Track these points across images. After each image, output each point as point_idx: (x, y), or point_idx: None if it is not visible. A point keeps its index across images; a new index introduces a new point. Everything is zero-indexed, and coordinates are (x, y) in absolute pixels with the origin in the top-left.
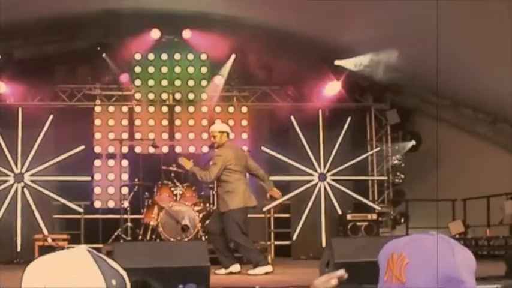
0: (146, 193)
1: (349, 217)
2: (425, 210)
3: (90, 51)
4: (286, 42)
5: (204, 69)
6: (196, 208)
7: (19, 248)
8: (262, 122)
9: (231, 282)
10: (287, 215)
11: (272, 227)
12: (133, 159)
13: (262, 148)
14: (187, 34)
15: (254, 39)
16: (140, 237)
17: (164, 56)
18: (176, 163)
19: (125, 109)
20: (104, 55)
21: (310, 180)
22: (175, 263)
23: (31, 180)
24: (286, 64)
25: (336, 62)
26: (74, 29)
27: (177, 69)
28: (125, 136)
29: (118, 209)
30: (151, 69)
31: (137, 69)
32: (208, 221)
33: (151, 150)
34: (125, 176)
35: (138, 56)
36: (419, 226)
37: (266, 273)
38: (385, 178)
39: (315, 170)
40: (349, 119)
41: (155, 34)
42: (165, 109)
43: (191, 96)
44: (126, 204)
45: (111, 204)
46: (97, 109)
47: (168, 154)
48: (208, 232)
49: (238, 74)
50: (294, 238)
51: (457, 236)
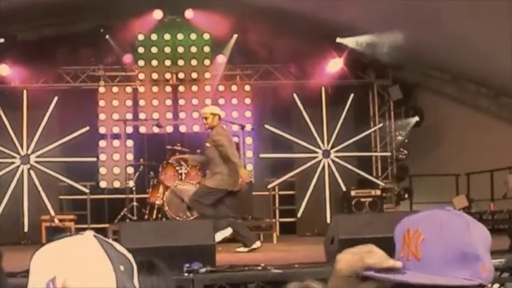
0: (151, 173)
1: (353, 193)
2: (429, 185)
3: (93, 32)
4: (288, 20)
5: (207, 48)
6: None
7: (26, 229)
8: (265, 100)
9: (236, 260)
10: (292, 192)
11: (277, 204)
12: (138, 139)
13: (265, 126)
14: (189, 14)
15: (256, 17)
16: (146, 216)
17: (167, 36)
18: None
19: (129, 89)
20: (107, 37)
21: (314, 157)
22: (180, 242)
23: (37, 161)
24: (288, 42)
25: (338, 40)
26: (77, 11)
27: (180, 49)
28: (129, 116)
29: (123, 189)
30: (154, 49)
31: (140, 49)
32: None
33: (155, 130)
34: (130, 156)
35: (141, 37)
36: (423, 201)
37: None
38: (389, 154)
39: (319, 147)
40: (351, 96)
41: (157, 14)
42: (169, 89)
43: (194, 75)
44: (131, 184)
45: (116, 184)
46: (101, 90)
47: (173, 133)
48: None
49: (240, 53)
50: (299, 215)
51: (461, 211)
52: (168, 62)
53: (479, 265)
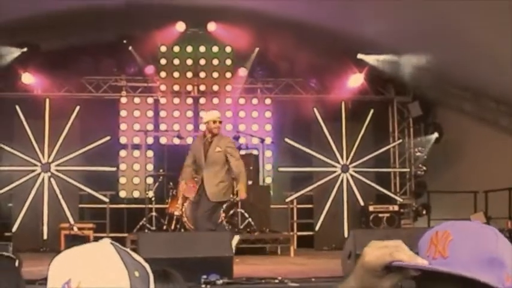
0: (171, 183)
1: (371, 208)
2: (447, 202)
3: (116, 43)
4: (309, 34)
5: (229, 61)
6: None
7: (45, 237)
8: (285, 114)
9: (253, 273)
10: (310, 206)
11: (295, 218)
12: (158, 150)
13: (285, 140)
14: (212, 27)
15: (278, 31)
16: (165, 227)
17: (189, 49)
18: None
19: (150, 100)
20: (130, 48)
21: (333, 171)
22: (198, 253)
23: (57, 170)
24: (309, 56)
25: (359, 56)
26: (100, 22)
27: (202, 61)
28: (150, 127)
29: (143, 199)
30: (176, 61)
31: (162, 61)
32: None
33: (176, 141)
34: (150, 167)
35: (164, 49)
36: (440, 218)
37: None
38: (407, 170)
39: (338, 162)
40: (371, 111)
41: (180, 27)
42: (190, 101)
43: (215, 88)
44: (151, 194)
45: (136, 194)
46: (123, 100)
47: None
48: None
49: (262, 66)
50: (317, 229)
51: None
52: (190, 74)
53: (503, 273)
